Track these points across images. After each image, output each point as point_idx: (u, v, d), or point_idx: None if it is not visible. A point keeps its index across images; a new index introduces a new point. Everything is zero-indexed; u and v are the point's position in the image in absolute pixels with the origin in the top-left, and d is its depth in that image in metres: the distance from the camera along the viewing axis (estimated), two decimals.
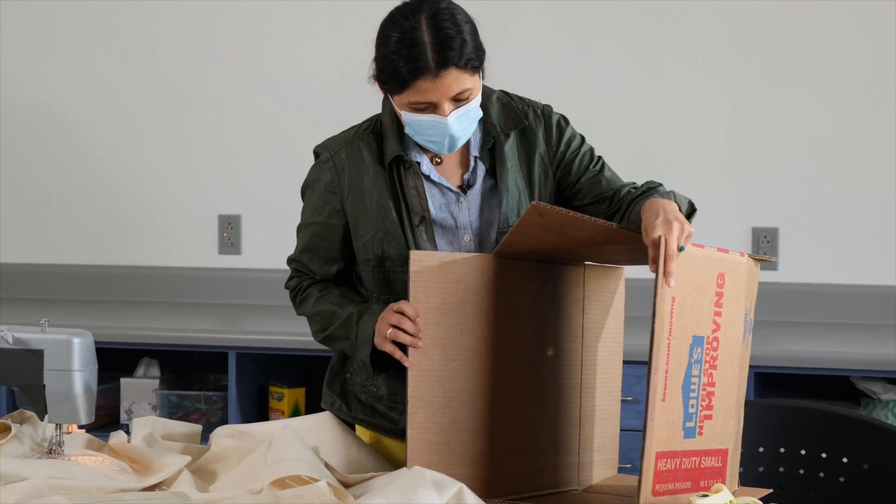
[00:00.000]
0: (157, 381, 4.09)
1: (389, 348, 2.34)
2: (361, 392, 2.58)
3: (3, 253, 4.67)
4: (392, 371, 2.47)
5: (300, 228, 2.61)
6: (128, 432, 2.47)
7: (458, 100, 2.37)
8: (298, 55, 4.50)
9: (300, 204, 2.61)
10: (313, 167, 2.57)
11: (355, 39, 4.21)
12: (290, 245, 2.55)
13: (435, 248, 2.47)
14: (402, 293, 2.41)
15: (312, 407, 3.73)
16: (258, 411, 4.03)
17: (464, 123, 2.40)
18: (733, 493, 2.19)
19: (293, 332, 3.87)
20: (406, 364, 2.31)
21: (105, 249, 4.60)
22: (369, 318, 2.42)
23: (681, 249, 2.13)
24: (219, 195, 4.54)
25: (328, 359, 2.68)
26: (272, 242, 4.46)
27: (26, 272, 4.65)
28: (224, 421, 3.95)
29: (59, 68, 4.62)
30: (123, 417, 4.08)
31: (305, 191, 2.60)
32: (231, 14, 4.52)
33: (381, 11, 2.44)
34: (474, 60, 2.37)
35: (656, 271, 2.12)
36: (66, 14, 4.62)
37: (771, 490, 2.35)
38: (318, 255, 2.57)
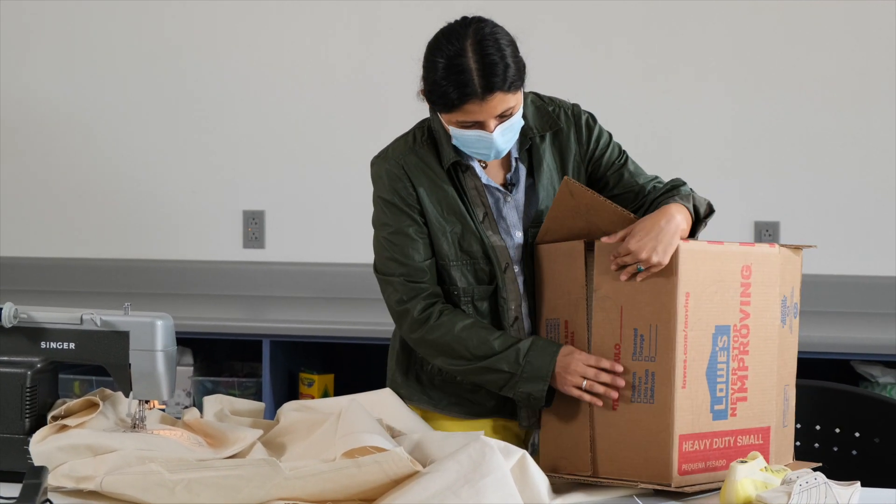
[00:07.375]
0: (192, 368, 4.15)
1: (577, 394, 2.45)
2: (437, 378, 2.67)
3: (44, 249, 4.75)
4: None
5: (387, 237, 2.60)
6: (201, 409, 2.58)
7: (503, 116, 2.47)
8: (322, 55, 4.53)
9: (321, 199, 2.51)
10: (381, 178, 2.62)
11: (380, 41, 4.43)
12: (311, 239, 2.52)
13: (500, 239, 2.58)
14: (486, 285, 2.57)
15: (340, 392, 3.77)
16: (289, 397, 4.06)
17: (508, 136, 2.51)
18: (788, 466, 2.32)
19: (320, 321, 3.94)
20: (598, 404, 2.43)
21: (136, 245, 4.66)
22: (539, 355, 2.49)
23: (639, 270, 2.36)
24: (243, 192, 4.59)
25: (355, 346, 2.67)
26: (294, 237, 4.46)
27: (66, 266, 4.70)
28: None
29: (86, 73, 4.67)
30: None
31: (378, 201, 2.62)
32: (257, 13, 4.56)
33: (407, 14, 2.45)
34: (517, 81, 2.45)
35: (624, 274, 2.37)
36: (91, 14, 4.66)
37: (821, 464, 2.40)
38: (419, 250, 2.58)
